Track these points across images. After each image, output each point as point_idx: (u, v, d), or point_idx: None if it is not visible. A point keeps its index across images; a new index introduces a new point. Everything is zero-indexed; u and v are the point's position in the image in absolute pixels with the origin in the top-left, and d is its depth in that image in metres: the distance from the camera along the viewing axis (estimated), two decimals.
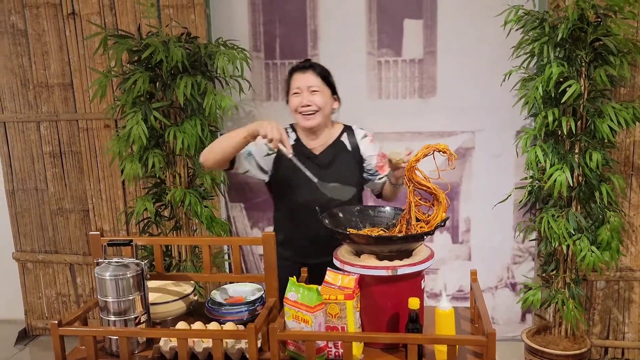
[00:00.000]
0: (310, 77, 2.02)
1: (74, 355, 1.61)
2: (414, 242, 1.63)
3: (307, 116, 2.02)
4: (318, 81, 2.02)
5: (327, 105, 2.04)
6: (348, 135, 2.12)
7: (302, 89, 2.01)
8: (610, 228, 2.69)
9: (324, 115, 2.03)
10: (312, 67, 2.05)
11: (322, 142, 2.09)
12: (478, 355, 1.54)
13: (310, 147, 2.09)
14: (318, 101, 2.01)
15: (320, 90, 2.02)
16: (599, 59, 2.62)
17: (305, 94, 2.01)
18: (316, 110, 2.01)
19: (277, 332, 1.44)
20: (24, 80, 3.46)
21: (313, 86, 2.01)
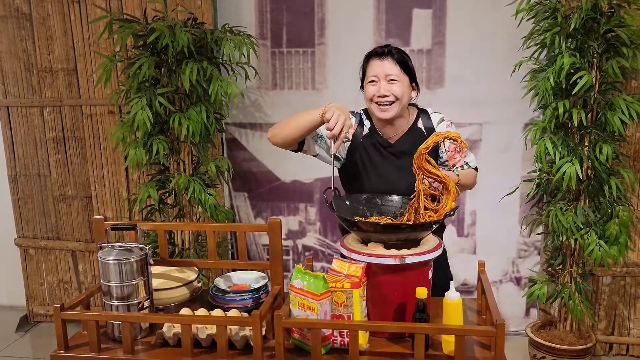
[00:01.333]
0: (388, 64, 1.88)
1: (76, 340, 1.59)
2: (422, 231, 1.60)
3: (383, 107, 1.89)
4: (397, 69, 1.88)
5: (405, 95, 1.90)
6: (423, 120, 1.99)
7: (379, 77, 1.88)
8: (619, 222, 2.66)
9: (401, 105, 1.90)
10: (390, 54, 1.89)
11: (398, 130, 1.97)
12: (485, 347, 1.51)
13: (385, 135, 1.98)
14: (396, 91, 1.87)
15: (399, 80, 1.87)
16: (611, 51, 2.58)
17: (382, 83, 1.87)
18: (393, 101, 1.88)
19: (282, 320, 1.42)
20: (27, 64, 3.43)
21: (391, 75, 1.87)
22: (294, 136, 1.87)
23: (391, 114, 1.90)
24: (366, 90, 1.93)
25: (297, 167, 3.41)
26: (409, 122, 1.99)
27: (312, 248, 3.55)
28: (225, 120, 3.39)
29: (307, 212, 3.50)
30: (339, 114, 1.71)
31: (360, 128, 1.99)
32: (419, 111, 2.02)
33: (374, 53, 1.93)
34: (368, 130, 1.99)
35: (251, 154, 3.48)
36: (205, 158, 2.93)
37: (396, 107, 1.89)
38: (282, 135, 1.88)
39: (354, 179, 1.99)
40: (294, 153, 2.02)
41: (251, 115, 3.43)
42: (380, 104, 1.89)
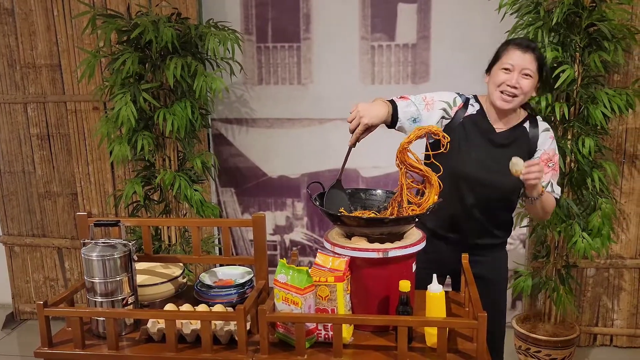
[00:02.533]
0: (529, 59, 1.87)
1: (60, 337, 1.59)
2: (405, 225, 1.61)
3: (506, 97, 1.88)
4: (534, 66, 1.87)
5: (530, 92, 1.91)
6: (530, 123, 1.99)
7: (515, 67, 1.87)
8: (601, 215, 2.69)
9: (522, 101, 1.91)
10: (533, 51, 1.89)
11: (505, 123, 1.97)
12: (468, 339, 1.53)
13: (492, 123, 1.97)
14: (525, 86, 1.87)
15: (532, 77, 1.88)
16: (594, 45, 2.60)
17: (515, 74, 1.86)
18: (518, 95, 1.88)
19: (266, 314, 1.43)
20: (10, 60, 3.40)
21: (527, 69, 1.86)
22: None
23: (511, 106, 1.90)
24: (496, 76, 1.91)
25: (284, 163, 3.42)
26: (516, 120, 1.99)
27: (299, 243, 3.55)
28: (211, 116, 3.39)
29: (294, 207, 3.51)
30: (359, 111, 1.79)
31: (464, 109, 1.98)
32: (529, 115, 2.02)
33: (518, 43, 1.91)
34: (475, 112, 1.98)
35: (237, 149, 3.47)
36: (191, 154, 2.92)
37: (518, 100, 1.90)
38: None
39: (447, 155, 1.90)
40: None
41: (237, 110, 3.43)
42: (505, 92, 1.89)
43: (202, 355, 1.48)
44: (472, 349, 1.46)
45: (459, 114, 1.98)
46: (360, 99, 3.32)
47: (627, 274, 3.19)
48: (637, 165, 3.07)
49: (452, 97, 2.00)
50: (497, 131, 1.97)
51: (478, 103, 2.01)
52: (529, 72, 1.87)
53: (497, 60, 1.94)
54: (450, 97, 2.00)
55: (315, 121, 3.29)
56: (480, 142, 1.95)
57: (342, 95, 3.30)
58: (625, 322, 3.24)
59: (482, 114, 1.98)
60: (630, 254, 3.17)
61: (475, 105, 2.00)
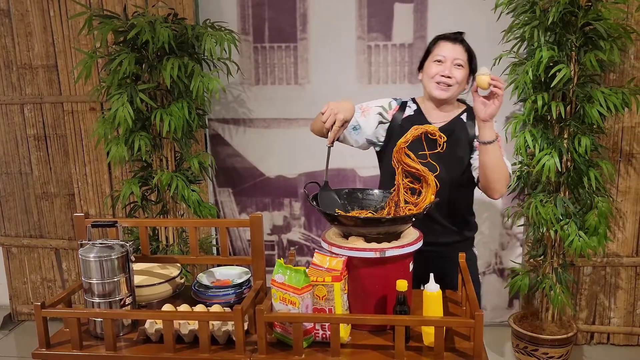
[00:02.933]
0: (458, 49, 1.96)
1: (58, 338, 1.59)
2: (402, 224, 1.62)
3: (442, 86, 1.96)
4: (465, 56, 1.97)
5: (463, 82, 1.99)
6: (467, 116, 2.06)
7: (446, 58, 1.95)
8: (598, 213, 2.70)
9: (457, 91, 1.99)
10: (462, 42, 1.99)
11: (443, 118, 2.04)
12: (465, 338, 1.53)
13: (430, 120, 2.03)
14: (458, 75, 1.95)
15: (463, 66, 1.96)
16: (589, 44, 2.61)
17: (448, 65, 1.95)
18: (452, 84, 1.96)
19: (264, 314, 1.43)
20: (7, 61, 3.40)
21: (459, 59, 1.95)
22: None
23: (447, 95, 1.97)
24: (429, 69, 1.98)
25: (281, 163, 3.42)
26: (454, 113, 2.06)
27: (297, 243, 3.56)
28: (208, 116, 3.38)
29: (292, 207, 3.51)
30: (332, 109, 1.78)
31: (401, 111, 2.05)
32: (467, 107, 2.08)
33: (446, 36, 2.00)
34: (413, 112, 2.05)
35: (235, 149, 3.48)
36: (188, 154, 2.92)
37: (453, 90, 1.97)
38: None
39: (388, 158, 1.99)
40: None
41: (234, 110, 3.43)
42: (440, 82, 1.95)
43: (199, 355, 1.48)
44: (469, 348, 1.46)
45: (396, 117, 2.05)
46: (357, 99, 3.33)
47: (624, 272, 3.21)
48: (633, 163, 3.08)
49: (387, 102, 2.08)
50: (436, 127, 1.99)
51: (415, 104, 2.08)
52: (461, 62, 1.95)
53: (428, 54, 2.02)
54: (385, 101, 2.09)
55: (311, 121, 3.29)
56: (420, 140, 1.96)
57: (339, 95, 3.26)
58: (622, 320, 3.25)
59: (419, 113, 2.05)
60: (627, 252, 3.18)
61: (412, 106, 2.07)
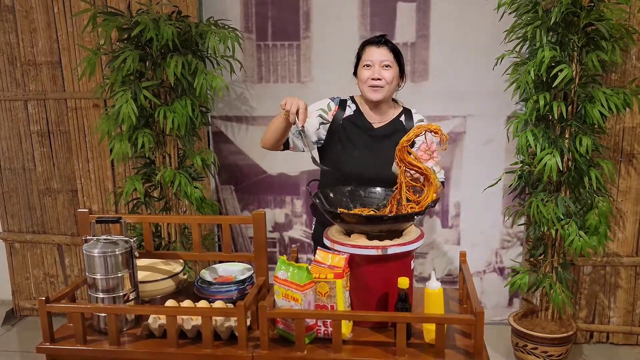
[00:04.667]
0: (383, 51, 2.06)
1: (62, 333, 1.61)
2: (404, 222, 1.63)
3: (374, 88, 2.05)
4: (391, 57, 2.06)
5: (394, 81, 2.08)
6: (406, 117, 2.16)
7: (374, 62, 2.05)
8: (598, 213, 2.71)
9: (390, 90, 2.08)
10: (386, 43, 2.08)
11: (382, 119, 2.14)
12: (466, 335, 1.55)
13: (369, 119, 2.13)
14: (387, 76, 2.05)
15: (391, 66, 2.06)
16: (591, 44, 2.62)
17: (376, 68, 2.05)
18: (384, 85, 2.05)
19: (266, 310, 1.44)
20: (11, 57, 3.41)
21: (386, 61, 2.05)
22: (274, 140, 2.07)
23: (381, 96, 2.06)
24: (361, 74, 2.09)
25: (283, 160, 3.43)
26: (392, 115, 2.16)
27: (298, 240, 3.57)
28: (211, 114, 3.40)
29: (294, 204, 3.52)
30: (290, 97, 1.88)
31: (342, 111, 2.15)
32: (404, 109, 2.19)
33: (371, 41, 2.10)
34: (352, 112, 2.14)
35: (237, 147, 3.49)
36: (191, 151, 2.94)
37: (386, 90, 2.06)
38: (267, 141, 2.10)
39: (332, 156, 2.13)
40: None
41: (237, 108, 3.44)
42: (372, 86, 2.05)
43: (202, 350, 1.49)
44: (469, 345, 1.48)
45: (337, 117, 2.14)
46: None
47: (624, 271, 3.22)
48: (634, 163, 3.09)
49: (325, 103, 2.17)
50: (375, 127, 2.12)
51: (355, 104, 2.17)
52: (388, 62, 2.05)
53: (358, 61, 2.12)
54: (324, 103, 2.17)
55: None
56: (362, 139, 2.08)
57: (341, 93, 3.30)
58: (621, 319, 3.26)
59: (359, 113, 2.14)
60: (627, 252, 3.19)
61: (352, 106, 2.16)
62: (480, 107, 3.25)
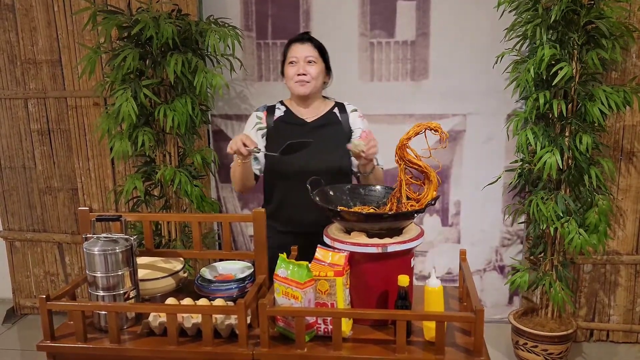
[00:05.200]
0: (308, 48, 2.11)
1: (62, 331, 1.61)
2: (404, 220, 1.63)
3: (301, 83, 2.09)
4: (315, 53, 2.11)
5: (320, 77, 2.12)
6: (339, 110, 2.20)
7: (299, 59, 2.09)
8: (598, 211, 2.71)
9: (316, 85, 2.11)
10: (310, 40, 2.14)
11: (314, 113, 2.17)
12: (466, 333, 1.55)
13: (301, 116, 2.16)
14: (312, 71, 2.09)
15: (316, 62, 2.10)
16: (591, 42, 2.62)
17: (301, 64, 2.09)
18: (309, 81, 2.09)
19: (266, 308, 1.45)
20: (11, 56, 3.41)
21: (310, 57, 2.09)
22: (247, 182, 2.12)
23: (307, 90, 2.10)
24: (287, 71, 2.13)
25: None
26: (325, 109, 2.19)
27: None
28: (211, 112, 3.40)
29: None
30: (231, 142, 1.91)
31: (271, 115, 2.18)
32: (337, 103, 2.23)
33: (295, 39, 2.16)
34: (283, 113, 2.18)
35: None
36: (191, 149, 2.94)
37: (312, 85, 2.10)
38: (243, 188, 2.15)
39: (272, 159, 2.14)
40: None
41: (237, 106, 3.44)
42: (298, 81, 2.10)
43: (203, 348, 1.50)
44: (470, 343, 1.48)
45: (268, 121, 2.17)
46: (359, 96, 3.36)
47: (624, 270, 3.22)
48: (634, 162, 3.09)
49: (254, 116, 2.19)
50: (308, 121, 2.15)
51: (284, 106, 2.20)
52: (312, 58, 2.10)
53: (284, 59, 2.16)
54: (253, 117, 2.20)
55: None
56: (297, 134, 2.08)
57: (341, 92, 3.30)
58: (621, 317, 3.26)
59: (290, 112, 2.17)
60: (627, 250, 3.19)
61: (281, 108, 2.19)
62: (480, 105, 3.25)
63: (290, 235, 2.07)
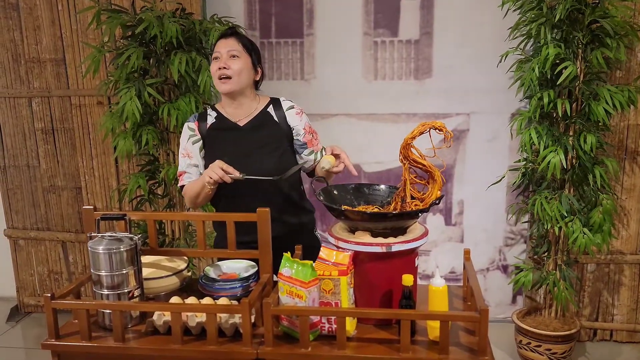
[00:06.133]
0: (231, 42, 1.99)
1: (67, 329, 1.61)
2: (409, 220, 1.63)
3: (223, 80, 1.97)
4: (239, 47, 1.99)
5: (244, 72, 1.98)
6: (274, 107, 2.08)
7: (222, 53, 1.97)
8: (602, 211, 2.71)
9: (240, 82, 1.98)
10: (234, 34, 2.02)
11: (246, 114, 2.05)
12: (470, 332, 1.55)
13: (233, 119, 2.05)
14: (234, 66, 1.96)
15: (239, 56, 1.97)
16: (596, 41, 2.61)
17: (224, 58, 1.97)
18: (232, 76, 1.96)
19: (270, 307, 1.45)
20: (15, 55, 3.41)
21: (232, 50, 1.97)
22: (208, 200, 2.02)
23: (229, 88, 1.98)
24: (212, 68, 2.01)
25: None
26: (258, 108, 2.08)
27: None
28: None
29: None
30: (208, 171, 1.83)
31: (203, 122, 2.06)
32: (271, 99, 2.11)
33: (221, 35, 2.05)
34: (215, 119, 2.06)
35: None
36: None
37: (235, 81, 1.97)
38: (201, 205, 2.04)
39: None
40: None
41: None
42: (221, 77, 1.97)
43: (207, 347, 1.50)
44: (474, 343, 1.48)
45: (202, 129, 2.05)
46: (363, 95, 3.36)
47: (628, 269, 3.21)
48: (638, 161, 3.08)
49: (186, 128, 2.07)
50: (241, 125, 2.04)
51: (215, 110, 2.08)
52: (235, 52, 1.97)
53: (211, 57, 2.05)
54: (185, 130, 2.08)
55: (317, 117, 3.30)
56: (231, 140, 2.01)
57: (344, 91, 3.32)
58: (625, 317, 3.26)
59: (221, 117, 2.06)
60: (631, 249, 3.19)
61: (212, 113, 2.08)
62: (484, 105, 3.25)
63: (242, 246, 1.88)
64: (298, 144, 2.09)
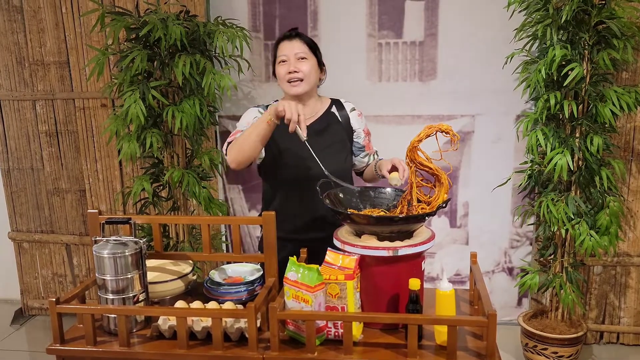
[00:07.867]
0: (297, 44, 1.99)
1: (72, 334, 1.60)
2: (415, 223, 1.62)
3: (293, 83, 1.98)
4: (305, 49, 2.00)
5: (313, 73, 2.01)
6: (337, 108, 2.12)
7: (289, 56, 1.98)
8: (609, 213, 2.69)
9: (310, 83, 2.00)
10: (298, 36, 2.02)
11: (312, 114, 2.07)
12: (478, 337, 1.53)
13: None
14: (304, 68, 1.97)
15: (307, 58, 1.99)
16: (602, 42, 2.60)
17: (292, 61, 1.97)
18: (302, 78, 1.98)
19: (276, 312, 1.43)
20: (19, 57, 3.42)
21: (300, 53, 1.98)
22: (256, 152, 1.88)
23: (301, 90, 1.99)
24: (278, 71, 2.02)
25: None
26: (322, 108, 2.10)
27: None
28: (219, 113, 3.39)
29: None
30: (287, 102, 1.74)
31: None
32: (333, 100, 2.14)
33: (283, 37, 2.04)
34: None
35: None
36: (199, 151, 2.93)
37: (305, 84, 1.99)
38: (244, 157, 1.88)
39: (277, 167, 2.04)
40: None
41: (244, 107, 3.42)
42: (290, 80, 1.98)
43: (212, 352, 1.49)
44: (481, 347, 1.46)
45: None
46: (367, 97, 3.35)
47: (634, 271, 3.19)
48: None
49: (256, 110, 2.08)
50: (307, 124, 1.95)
51: None
52: (303, 54, 1.98)
53: (275, 59, 2.05)
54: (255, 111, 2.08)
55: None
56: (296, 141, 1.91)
57: (349, 92, 3.29)
58: (632, 319, 3.23)
59: None
60: (638, 251, 3.17)
61: None
62: (489, 106, 3.23)
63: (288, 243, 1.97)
64: (357, 147, 2.11)
